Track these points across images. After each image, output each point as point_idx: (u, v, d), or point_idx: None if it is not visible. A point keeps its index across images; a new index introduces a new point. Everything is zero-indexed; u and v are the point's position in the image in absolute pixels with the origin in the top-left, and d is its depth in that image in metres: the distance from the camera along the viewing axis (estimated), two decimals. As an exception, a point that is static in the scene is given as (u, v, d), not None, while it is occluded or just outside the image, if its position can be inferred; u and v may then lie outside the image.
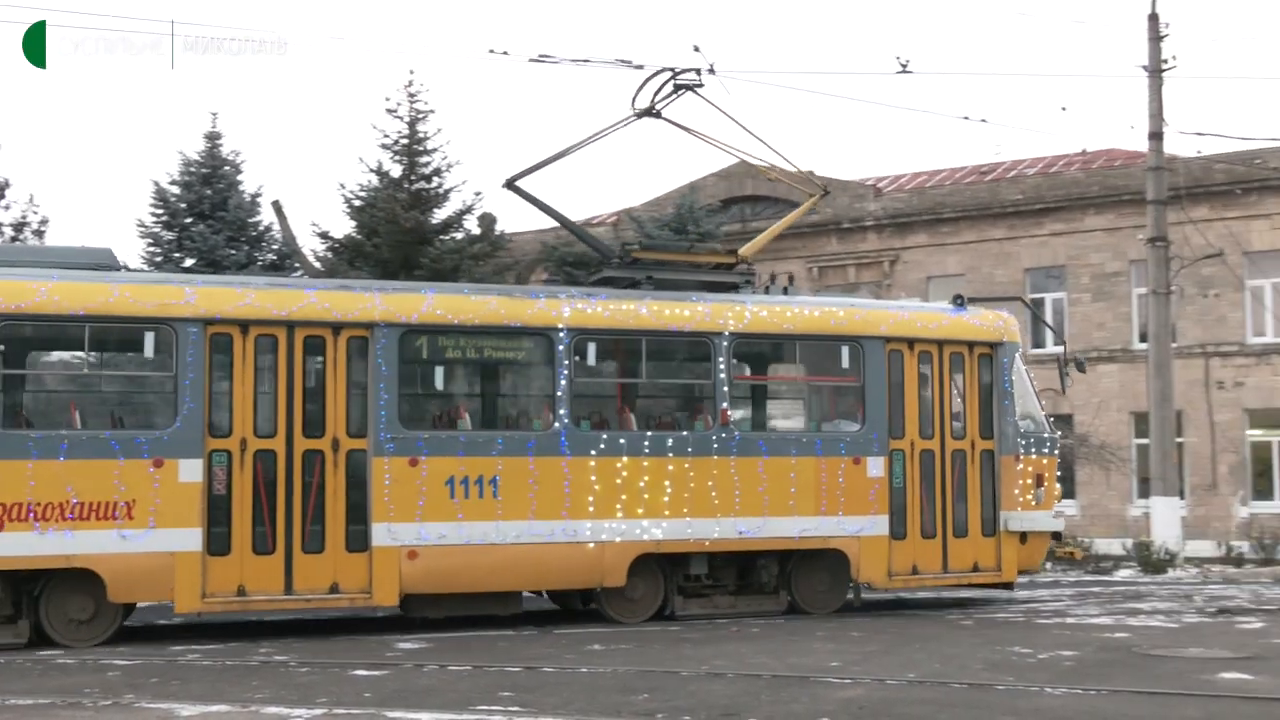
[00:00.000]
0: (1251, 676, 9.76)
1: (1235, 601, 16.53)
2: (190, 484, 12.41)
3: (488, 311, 13.75)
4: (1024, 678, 9.71)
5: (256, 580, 12.62)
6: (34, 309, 12.27)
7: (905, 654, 11.30)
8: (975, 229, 35.67)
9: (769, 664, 10.59)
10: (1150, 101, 24.43)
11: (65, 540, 12.03)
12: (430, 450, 13.22)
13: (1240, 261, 31.33)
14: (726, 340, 14.45)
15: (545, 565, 13.59)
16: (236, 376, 12.78)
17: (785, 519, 14.41)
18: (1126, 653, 11.25)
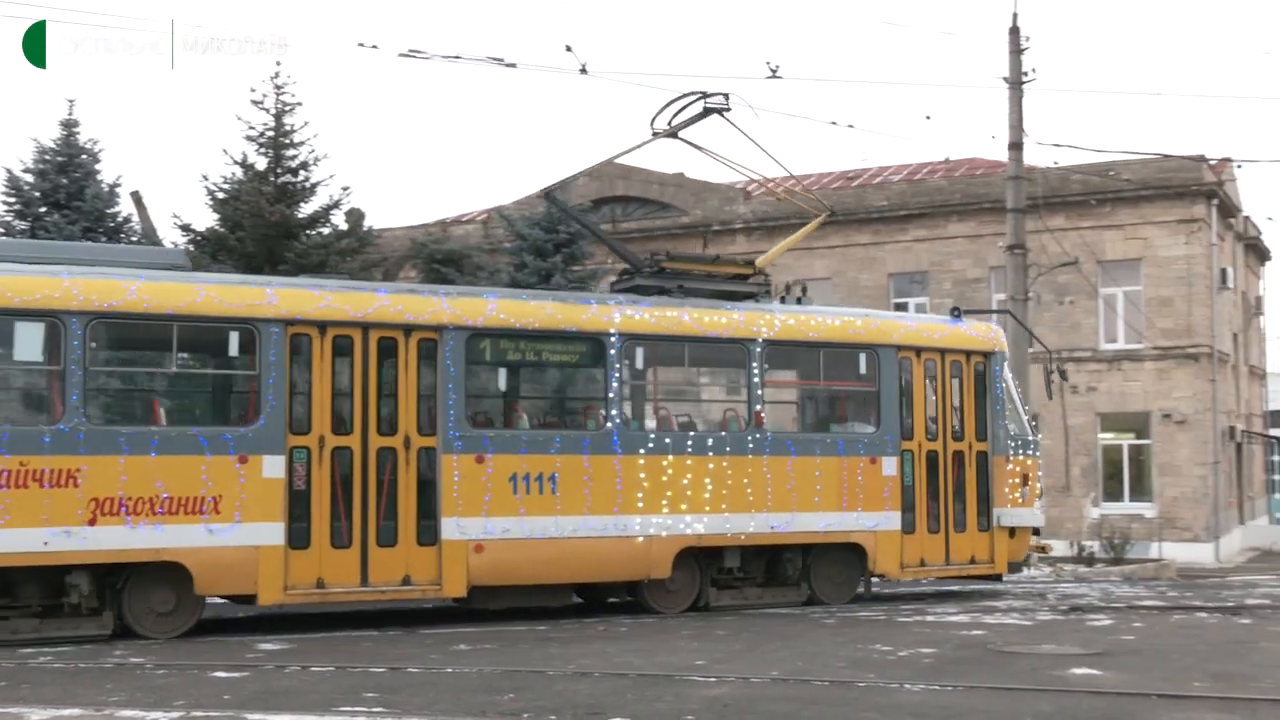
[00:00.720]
0: (1101, 672, 10.08)
1: (1086, 600, 17.04)
2: (273, 480, 12.82)
3: (545, 316, 14.48)
4: (884, 675, 9.89)
5: (334, 573, 13.09)
6: (125, 308, 12.54)
7: (769, 652, 11.44)
8: (842, 234, 36.23)
9: (635, 663, 10.63)
10: (1010, 113, 25.05)
11: (155, 534, 12.33)
12: (495, 448, 13.88)
13: (1094, 270, 32.33)
14: (760, 346, 15.46)
15: (598, 558, 14.34)
16: (315, 375, 13.24)
17: (811, 514, 15.46)
18: (983, 650, 11.53)
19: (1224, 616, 14.87)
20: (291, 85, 24.44)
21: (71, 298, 12.34)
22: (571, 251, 25.89)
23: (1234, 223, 36.97)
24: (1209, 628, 13.74)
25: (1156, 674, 9.98)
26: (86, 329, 12.34)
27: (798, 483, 15.38)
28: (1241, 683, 9.56)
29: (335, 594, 13.12)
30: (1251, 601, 17.04)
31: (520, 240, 26.04)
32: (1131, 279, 32.95)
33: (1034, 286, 27.53)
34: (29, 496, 11.93)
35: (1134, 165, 32.66)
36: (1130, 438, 33.50)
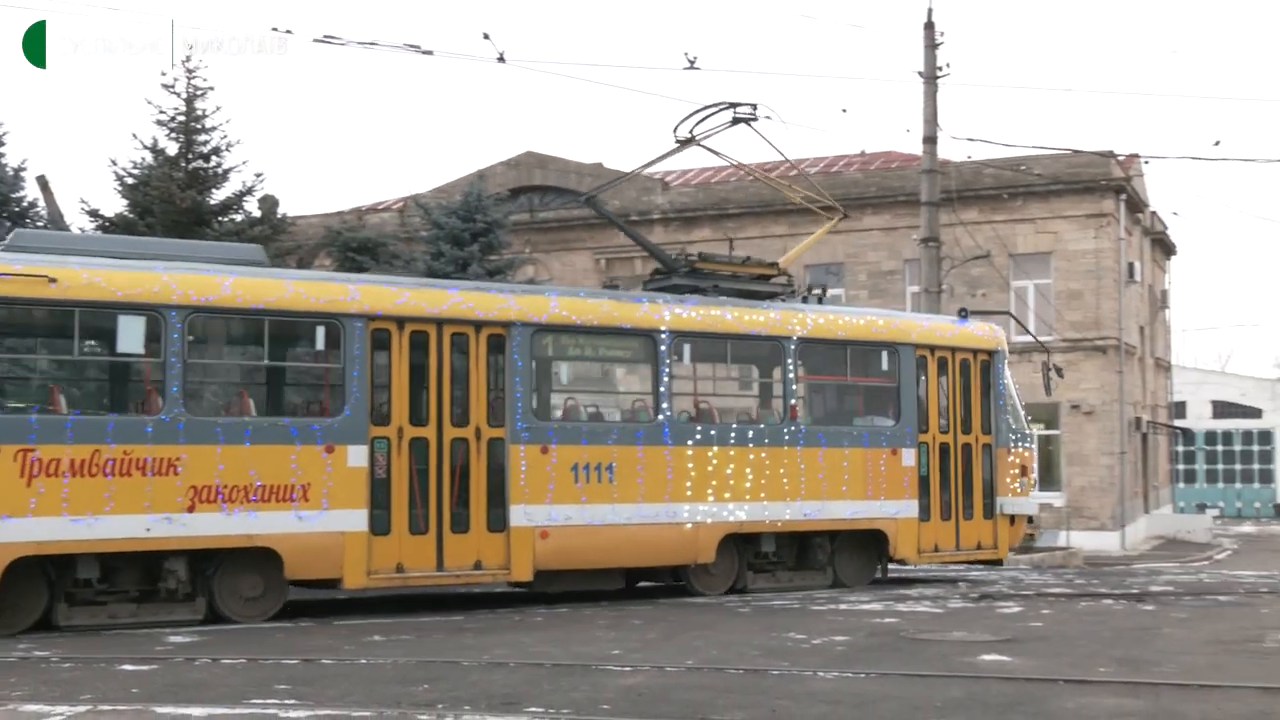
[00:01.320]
0: (1010, 658, 10.25)
1: (996, 587, 17.31)
2: (357, 469, 13.43)
3: (602, 313, 15.38)
4: (798, 663, 9.97)
5: (413, 558, 13.74)
6: (220, 303, 13.06)
7: (685, 641, 11.49)
8: (759, 225, 36.43)
9: (551, 653, 10.63)
10: (925, 107, 25.33)
11: (249, 521, 12.85)
12: (559, 439, 14.69)
13: (1006, 263, 32.80)
14: (794, 343, 16.48)
15: (651, 544, 15.26)
16: (394, 369, 13.84)
17: (839, 502, 16.53)
18: (895, 637, 11.67)
19: (1129, 603, 15.18)
20: (203, 69, 24.06)
21: (171, 292, 12.78)
22: (489, 241, 25.79)
23: (1141, 218, 37.70)
24: (1114, 614, 14.02)
25: (1063, 659, 10.17)
26: (185, 322, 12.79)
27: (828, 473, 16.41)
28: (1145, 667, 9.77)
29: (414, 578, 13.81)
30: (1155, 589, 17.42)
31: (437, 229, 25.88)
32: (1042, 272, 33.46)
33: (947, 279, 27.87)
34: (132, 485, 12.36)
35: (1045, 160, 33.15)
36: (1040, 428, 34.07)
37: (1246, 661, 10.15)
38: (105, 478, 12.25)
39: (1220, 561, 26.68)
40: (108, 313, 12.65)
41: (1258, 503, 58.00)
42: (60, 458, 12.12)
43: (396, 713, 7.98)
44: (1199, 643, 11.30)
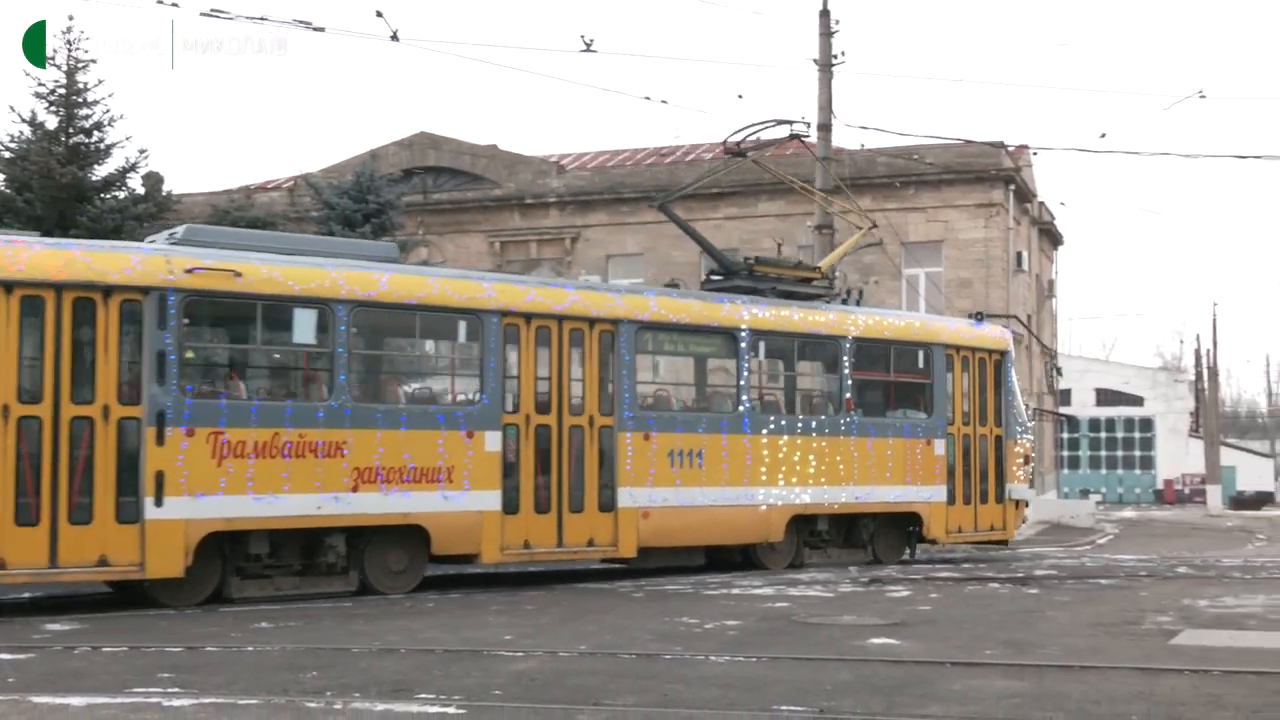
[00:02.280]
0: (898, 642, 10.42)
1: (886, 571, 17.58)
2: (493, 453, 14.74)
3: (692, 312, 16.98)
4: (691, 647, 10.04)
5: (538, 536, 15.07)
6: (379, 297, 14.27)
7: (578, 626, 11.50)
8: (654, 210, 36.50)
9: (442, 638, 10.58)
10: (820, 94, 25.56)
11: (403, 500, 14.11)
12: (659, 428, 16.19)
13: (898, 251, 33.26)
14: (849, 342, 18.28)
15: (732, 524, 16.92)
16: (523, 360, 15.18)
17: (883, 487, 18.42)
18: (786, 621, 11.80)
19: (1014, 587, 15.51)
20: (85, 41, 23.44)
21: (339, 287, 13.96)
22: (381, 222, 25.52)
23: (1030, 208, 38.48)
24: (1001, 598, 14.32)
25: (951, 643, 10.36)
26: (350, 315, 13.99)
27: (875, 460, 18.30)
28: (1030, 650, 9.99)
29: (539, 554, 15.26)
30: (1040, 572, 17.82)
31: (328, 209, 25.55)
32: (933, 260, 34.01)
33: (840, 266, 28.17)
34: (306, 466, 13.53)
35: (936, 149, 33.68)
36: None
37: (1126, 643, 10.44)
38: (283, 459, 13.42)
39: (1102, 546, 27.39)
40: (285, 305, 13.82)
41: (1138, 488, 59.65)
42: (246, 440, 13.22)
43: (284, 700, 7.88)
44: (1081, 625, 11.58)
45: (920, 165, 33.48)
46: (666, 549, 16.47)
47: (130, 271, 12.88)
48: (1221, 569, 19.15)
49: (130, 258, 13.09)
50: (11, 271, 12.36)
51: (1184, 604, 13.33)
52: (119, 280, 12.77)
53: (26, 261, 12.50)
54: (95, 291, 12.64)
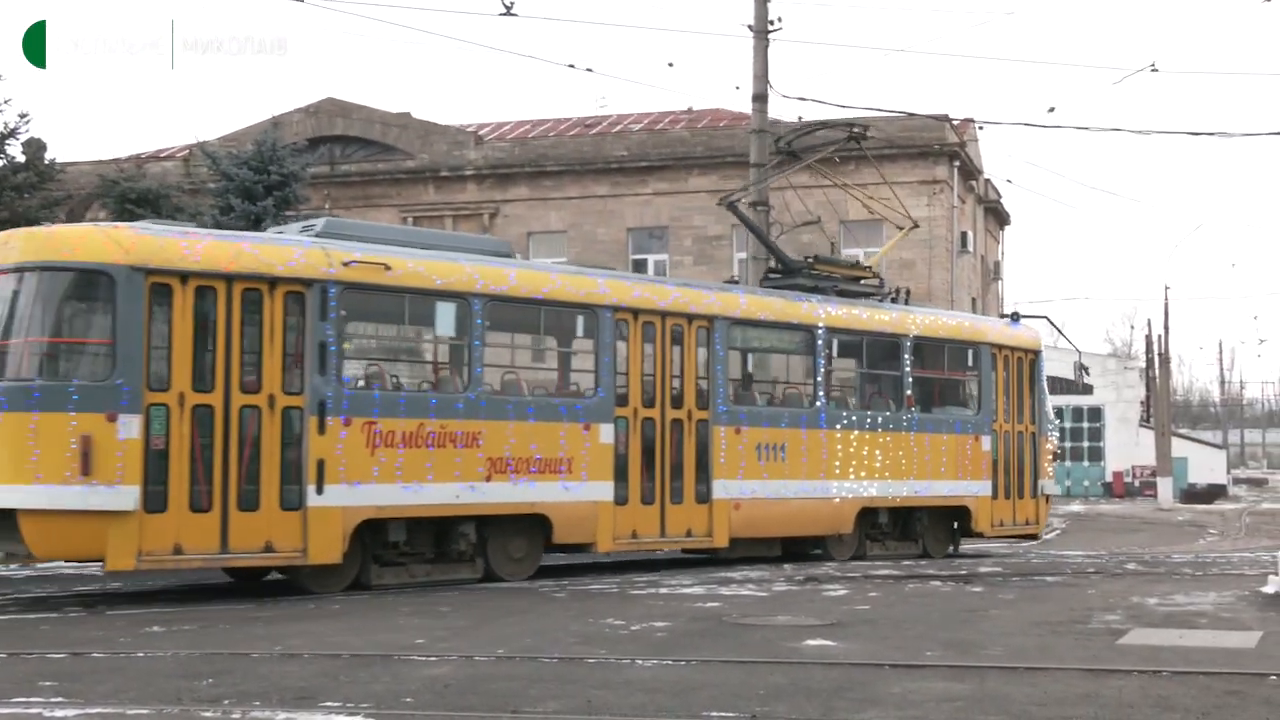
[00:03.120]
0: (835, 643, 10.50)
1: (822, 570, 17.72)
2: (607, 445, 16.15)
3: (775, 310, 18.63)
4: (616, 650, 10.06)
5: (644, 526, 16.56)
6: (508, 292, 15.58)
7: (495, 629, 11.48)
8: (579, 184, 36.50)
9: (350, 642, 10.51)
10: (755, 63, 25.60)
11: (529, 490, 15.48)
12: (748, 422, 17.75)
13: (837, 230, 33.44)
14: (910, 340, 20.05)
15: (810, 516, 18.58)
16: (631, 355, 16.63)
17: (938, 482, 20.15)
18: (718, 622, 11.85)
19: (957, 585, 15.69)
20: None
21: (474, 281, 15.25)
22: (284, 195, 25.26)
23: (975, 185, 38.88)
24: (942, 596, 14.48)
25: (890, 643, 10.46)
26: (485, 309, 15.22)
27: (931, 455, 20.04)
28: (972, 650, 10.12)
29: (645, 544, 16.83)
30: (984, 570, 18.03)
31: (226, 180, 25.25)
32: (874, 240, 34.21)
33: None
34: (446, 456, 14.80)
35: (878, 123, 33.83)
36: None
37: (1073, 643, 10.60)
38: (427, 449, 14.67)
39: (1049, 541, 27.76)
40: (428, 298, 15.12)
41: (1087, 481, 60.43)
42: (395, 430, 14.43)
43: (177, 710, 7.79)
44: (1026, 624, 11.74)
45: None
46: (750, 540, 18.14)
47: (294, 264, 14.01)
48: (1172, 565, 19.50)
49: (293, 250, 14.24)
50: (188, 263, 13.33)
51: (1133, 602, 13.56)
52: (284, 272, 13.87)
53: (201, 253, 13.51)
54: (262, 283, 13.73)
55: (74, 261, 13.19)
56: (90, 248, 13.26)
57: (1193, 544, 28.27)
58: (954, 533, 21.09)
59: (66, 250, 13.29)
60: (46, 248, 13.33)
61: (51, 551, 13.21)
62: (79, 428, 12.63)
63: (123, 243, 13.30)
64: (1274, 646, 10.38)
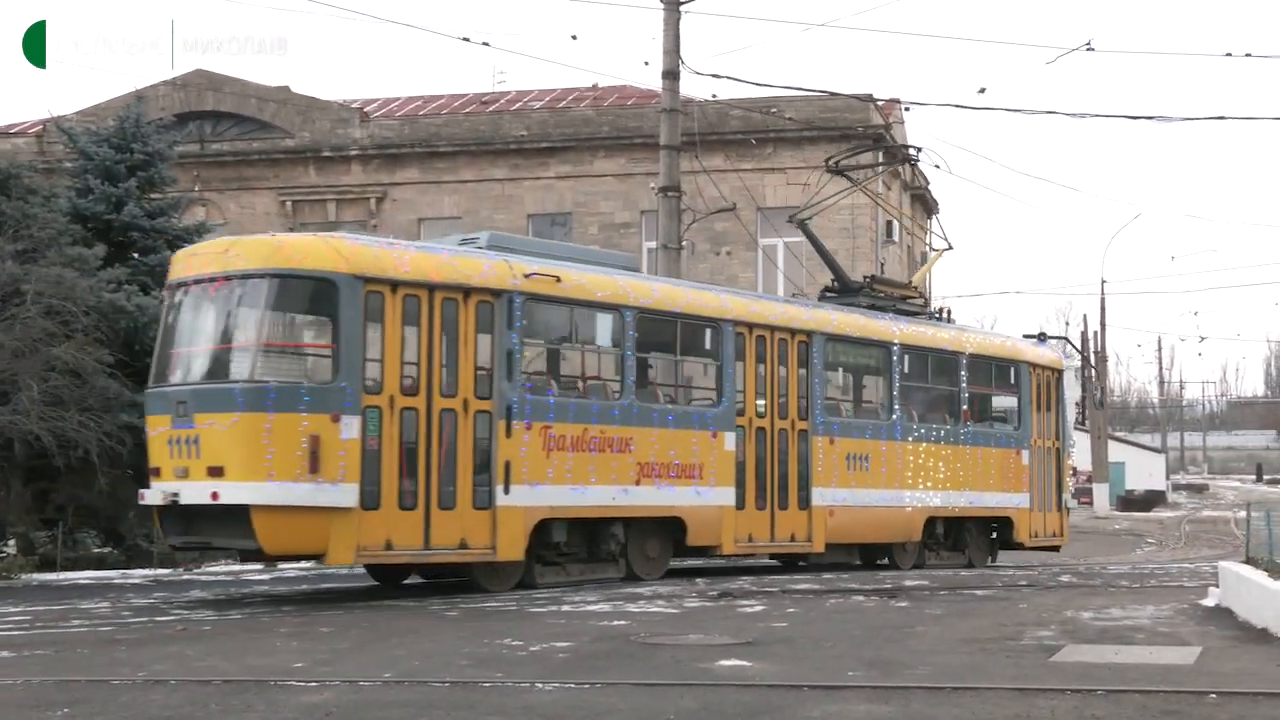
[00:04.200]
0: (750, 663, 10.56)
1: (738, 584, 17.81)
2: (730, 452, 18.48)
3: (859, 326, 21.19)
4: (514, 673, 10.04)
5: (757, 530, 19.01)
6: (653, 305, 17.90)
7: (382, 651, 11.41)
8: (474, 166, 36.38)
9: (222, 667, 10.40)
10: (665, 36, 25.61)
11: (669, 494, 17.76)
12: (840, 433, 20.27)
13: (754, 218, 33.64)
14: (966, 358, 22.86)
15: (887, 523, 21.11)
16: (747, 367, 19.01)
17: (987, 494, 22.89)
18: (624, 642, 11.87)
19: (881, 600, 15.85)
20: None
21: (627, 295, 17.60)
22: (149, 176, 24.89)
23: (901, 171, 39.25)
24: (865, 612, 14.62)
25: (809, 663, 10.55)
26: (635, 320, 17.56)
27: (982, 468, 22.69)
28: (896, 670, 10.22)
29: (759, 547, 19.34)
30: (909, 583, 18.22)
31: (85, 159, 24.81)
32: (793, 229, 34.42)
33: (688, 234, 28.43)
34: (605, 460, 17.02)
35: (798, 103, 34.16)
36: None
37: (1003, 661, 10.75)
38: (590, 453, 16.82)
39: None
40: (589, 310, 17.49)
41: (1018, 487, 61.20)
42: (566, 434, 16.55)
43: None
44: (954, 642, 11.89)
45: (779, 121, 33.92)
46: (838, 546, 20.53)
47: (485, 275, 16.06)
48: (1108, 577, 19.85)
49: (482, 262, 16.30)
50: (398, 272, 15.26)
51: (1066, 616, 13.77)
52: (477, 283, 15.90)
53: (409, 263, 15.49)
54: (459, 292, 15.69)
55: (301, 269, 14.99)
56: (315, 256, 15.03)
57: (1130, 554, 28.81)
58: (993, 544, 23.82)
59: (295, 259, 15.07)
60: (276, 256, 15.15)
61: (279, 546, 14.98)
62: (309, 428, 14.45)
63: (343, 252, 15.10)
64: (1213, 663, 10.59)
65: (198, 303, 15.64)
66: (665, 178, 25.85)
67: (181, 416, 14.89)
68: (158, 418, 15.39)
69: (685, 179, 27.26)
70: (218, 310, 15.46)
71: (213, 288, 15.36)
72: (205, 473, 14.59)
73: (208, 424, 14.67)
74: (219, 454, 14.57)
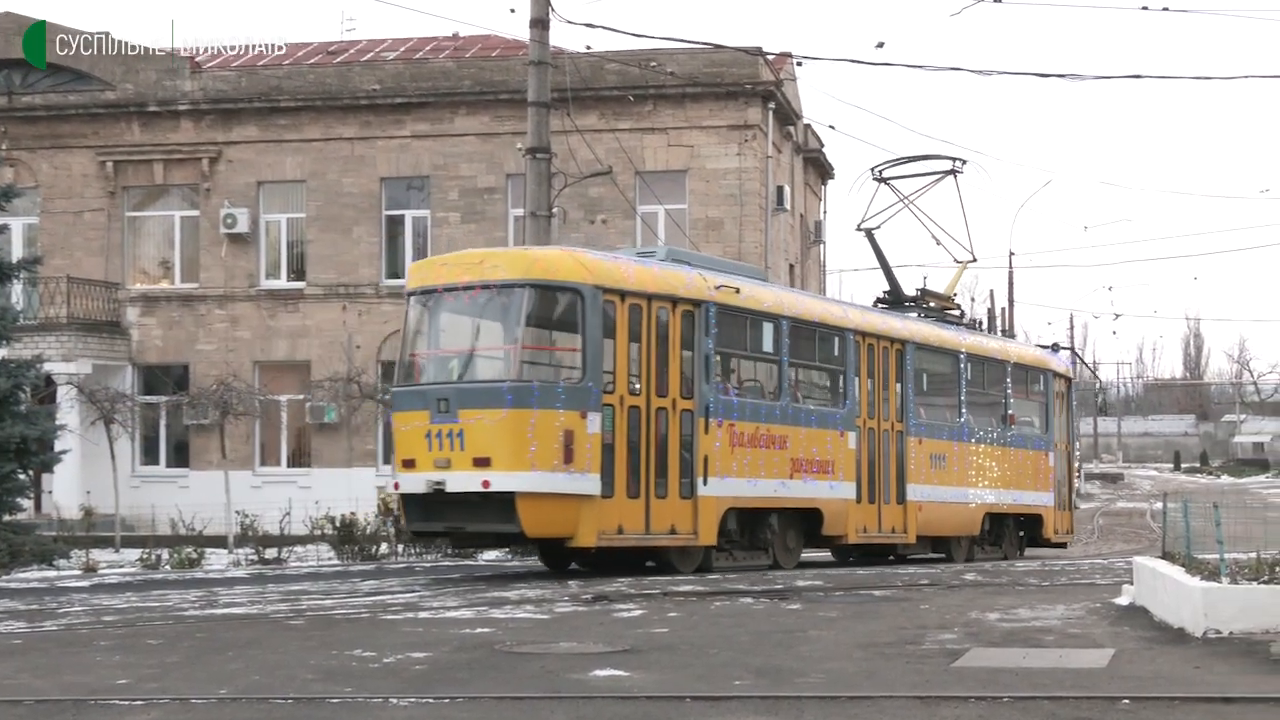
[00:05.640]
0: (628, 673, 10.60)
1: (614, 586, 17.86)
2: (853, 450, 22.47)
3: (935, 335, 25.77)
4: (366, 687, 9.99)
5: (870, 522, 23.03)
6: (800, 315, 21.99)
7: (216, 665, 11.30)
8: (320, 124, 36.01)
9: (36, 685, 10.24)
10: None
11: (811, 487, 21.61)
12: (927, 434, 24.54)
13: (632, 182, 33.68)
14: (1010, 367, 27.83)
15: (957, 518, 25.50)
16: (863, 373, 23.09)
17: (1025, 493, 27.78)
18: (489, 651, 11.86)
19: (771, 602, 15.98)
20: None
21: (782, 306, 21.81)
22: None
23: (793, 132, 39.54)
24: (754, 615, 14.73)
25: (692, 672, 10.61)
26: (789, 329, 21.52)
27: (1022, 469, 27.57)
28: (787, 679, 10.31)
29: (875, 538, 23.34)
30: (803, 583, 18.40)
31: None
32: (675, 195, 34.59)
33: (559, 200, 28.37)
34: (770, 455, 20.79)
35: (680, 57, 34.18)
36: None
37: (903, 667, 10.89)
38: (760, 449, 20.53)
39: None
40: (756, 319, 21.17)
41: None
42: (745, 432, 20.28)
43: None
44: (850, 646, 12.03)
45: (660, 75, 33.95)
46: (922, 539, 24.40)
47: (688, 286, 19.77)
48: (1015, 575, 20.20)
49: (685, 275, 19.99)
50: (626, 283, 18.86)
51: (971, 618, 14.00)
52: (683, 294, 19.59)
53: (632, 275, 19.09)
54: (669, 302, 19.33)
55: (554, 280, 18.59)
56: (566, 269, 18.63)
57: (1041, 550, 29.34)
58: (1022, 540, 28.32)
59: (549, 270, 18.65)
60: (535, 268, 18.70)
61: (538, 530, 18.36)
62: (563, 423, 17.99)
63: (586, 264, 18.76)
64: (1127, 665, 10.83)
65: (454, 309, 19.42)
66: (534, 138, 25.77)
67: (443, 412, 18.10)
68: (412, 413, 18.73)
69: (556, 139, 27.20)
70: (478, 316, 19.51)
71: (468, 296, 18.97)
72: (470, 463, 17.92)
73: (474, 419, 17.98)
74: (485, 446, 17.90)
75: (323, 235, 36.08)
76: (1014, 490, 27.22)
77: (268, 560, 24.46)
